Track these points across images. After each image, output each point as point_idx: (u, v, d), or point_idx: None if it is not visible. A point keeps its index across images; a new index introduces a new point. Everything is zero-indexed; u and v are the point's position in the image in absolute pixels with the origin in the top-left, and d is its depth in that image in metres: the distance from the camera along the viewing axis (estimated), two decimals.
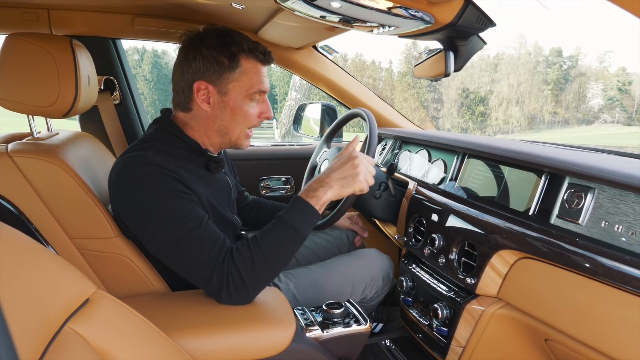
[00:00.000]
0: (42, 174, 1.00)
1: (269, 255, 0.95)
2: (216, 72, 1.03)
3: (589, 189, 0.86)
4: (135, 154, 0.99)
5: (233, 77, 1.04)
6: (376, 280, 1.40)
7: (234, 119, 1.08)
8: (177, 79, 1.07)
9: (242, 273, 0.93)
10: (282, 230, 0.97)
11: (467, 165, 1.26)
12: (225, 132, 1.10)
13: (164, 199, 0.94)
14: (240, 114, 1.08)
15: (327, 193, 1.02)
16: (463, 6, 1.05)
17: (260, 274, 0.94)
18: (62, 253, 1.02)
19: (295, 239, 0.97)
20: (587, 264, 0.80)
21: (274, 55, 1.12)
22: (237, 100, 1.06)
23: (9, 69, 1.00)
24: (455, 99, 57.95)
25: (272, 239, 0.97)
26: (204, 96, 1.05)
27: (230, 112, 1.07)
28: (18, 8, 1.47)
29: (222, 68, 1.03)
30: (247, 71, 1.05)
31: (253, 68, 1.06)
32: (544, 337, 0.93)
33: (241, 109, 1.07)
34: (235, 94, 1.06)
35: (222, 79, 1.04)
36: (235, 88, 1.05)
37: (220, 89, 1.05)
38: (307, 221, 0.99)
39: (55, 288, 0.57)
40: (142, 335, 0.68)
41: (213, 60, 1.03)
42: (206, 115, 1.07)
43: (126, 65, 1.77)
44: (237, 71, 1.04)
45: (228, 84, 1.05)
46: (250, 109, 1.09)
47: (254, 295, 0.97)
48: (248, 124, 1.10)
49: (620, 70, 57.87)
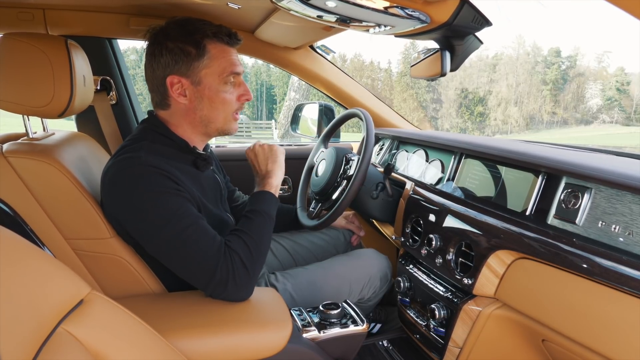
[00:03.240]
0: (38, 174, 0.99)
1: (258, 239, 1.02)
2: (185, 63, 1.02)
3: (586, 189, 0.85)
4: (127, 155, 0.99)
5: (202, 64, 1.03)
6: (374, 280, 1.39)
7: (213, 107, 1.07)
8: (150, 77, 1.07)
9: (243, 260, 0.97)
10: (258, 217, 1.07)
11: (465, 166, 1.25)
12: (209, 121, 1.09)
13: (160, 197, 0.95)
14: (218, 101, 1.06)
15: (272, 178, 1.17)
16: (459, 6, 1.05)
17: (256, 259, 1.00)
18: (57, 254, 1.01)
19: (270, 222, 1.09)
20: (584, 264, 0.80)
21: (273, 55, 1.12)
22: (212, 87, 1.05)
23: (4, 69, 0.99)
24: (454, 99, 58.03)
25: (253, 225, 1.05)
26: (179, 90, 1.05)
27: (208, 101, 1.06)
28: (13, 8, 1.46)
29: (190, 58, 1.02)
30: (216, 56, 1.04)
31: (221, 51, 1.05)
32: (541, 337, 0.93)
33: (218, 96, 1.06)
34: (209, 81, 1.05)
35: (192, 69, 1.03)
36: (208, 75, 1.04)
37: (193, 80, 1.04)
38: (272, 205, 1.12)
39: (48, 289, 0.56)
40: (137, 336, 0.67)
41: (180, 52, 1.02)
42: (185, 109, 1.07)
43: (122, 65, 1.77)
44: (205, 57, 1.03)
45: (199, 73, 1.04)
46: (227, 94, 1.07)
47: (254, 282, 1.00)
48: (229, 109, 1.09)
49: (618, 71, 57.99)
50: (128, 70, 1.82)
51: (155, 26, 1.06)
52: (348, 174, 1.39)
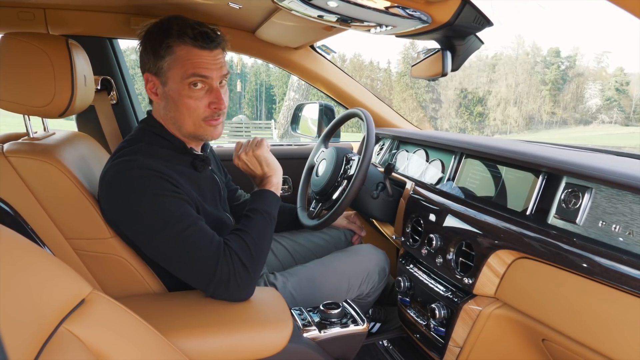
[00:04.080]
0: (38, 174, 0.99)
1: (258, 238, 1.02)
2: (152, 62, 1.02)
3: (587, 189, 0.86)
4: (125, 158, 0.99)
5: (166, 64, 1.00)
6: (372, 275, 1.39)
7: (179, 110, 1.03)
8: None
9: (243, 259, 0.97)
10: (259, 217, 1.06)
11: (465, 165, 1.25)
12: (179, 124, 1.05)
13: (157, 200, 0.95)
14: (182, 105, 1.02)
15: (273, 178, 1.16)
16: (460, 6, 1.05)
17: (256, 258, 1.00)
18: (58, 254, 1.01)
19: (271, 221, 1.08)
20: (584, 263, 0.80)
21: (273, 55, 1.12)
22: (175, 90, 1.01)
23: (4, 69, 0.99)
24: (454, 99, 58.02)
25: (253, 224, 1.04)
26: (153, 89, 1.05)
27: (172, 103, 1.03)
28: (14, 8, 1.46)
29: (157, 57, 1.01)
30: (180, 57, 0.99)
31: (187, 53, 0.99)
32: (542, 337, 0.93)
33: (181, 99, 1.01)
34: (172, 83, 1.01)
35: (158, 68, 1.01)
36: (172, 77, 1.01)
37: (162, 79, 1.03)
38: (274, 204, 1.12)
39: (50, 289, 0.56)
40: (138, 336, 0.67)
41: (150, 51, 1.02)
42: (159, 107, 1.08)
43: (123, 65, 1.77)
44: (168, 58, 1.00)
45: (167, 73, 1.01)
46: (192, 100, 1.01)
47: (255, 281, 1.00)
48: (195, 115, 1.03)
49: (618, 71, 58.01)
50: (128, 70, 1.82)
51: (147, 24, 1.06)
52: (348, 174, 1.39)
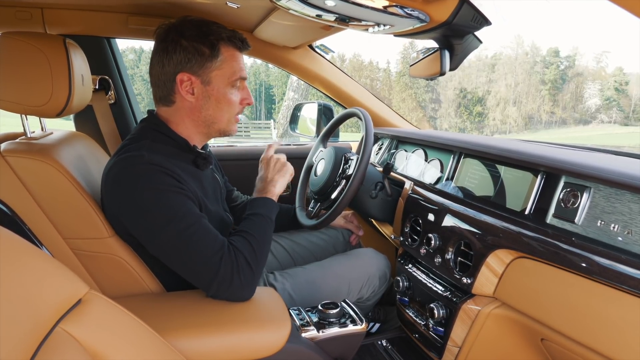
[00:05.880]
0: (36, 174, 0.99)
1: (260, 239, 1.05)
2: (198, 63, 1.05)
3: (585, 188, 0.85)
4: (130, 154, 0.99)
5: (215, 65, 1.06)
6: (372, 280, 1.39)
7: (219, 108, 1.10)
8: (157, 72, 1.08)
9: (247, 257, 0.99)
10: (261, 220, 1.10)
11: (464, 165, 1.25)
12: (213, 121, 1.11)
13: (163, 195, 0.95)
14: (224, 102, 1.10)
15: (276, 187, 1.21)
16: (458, 5, 1.05)
17: (260, 259, 1.02)
18: (55, 254, 1.01)
19: (271, 225, 1.12)
20: (583, 263, 0.80)
21: (272, 55, 1.13)
22: (220, 89, 1.08)
23: (1, 68, 0.99)
24: (453, 99, 58.06)
25: (256, 226, 1.08)
26: (187, 88, 1.06)
27: (214, 101, 1.09)
28: (11, 7, 1.45)
29: (203, 58, 1.05)
30: (228, 59, 1.08)
31: (233, 56, 1.09)
32: (540, 336, 0.93)
33: (225, 97, 1.09)
34: (218, 83, 1.08)
35: (204, 69, 1.05)
36: (218, 77, 1.07)
37: (204, 79, 1.06)
38: (273, 210, 1.16)
39: (47, 289, 0.56)
40: (135, 336, 0.67)
41: (194, 51, 1.04)
42: (190, 107, 1.08)
43: (121, 64, 1.76)
44: (218, 59, 1.06)
45: (210, 73, 1.06)
46: (233, 97, 1.11)
47: (257, 281, 1.01)
48: (233, 111, 1.13)
49: (617, 71, 58.09)
50: (127, 70, 1.81)
51: (168, 23, 1.07)
52: (347, 174, 1.38)
